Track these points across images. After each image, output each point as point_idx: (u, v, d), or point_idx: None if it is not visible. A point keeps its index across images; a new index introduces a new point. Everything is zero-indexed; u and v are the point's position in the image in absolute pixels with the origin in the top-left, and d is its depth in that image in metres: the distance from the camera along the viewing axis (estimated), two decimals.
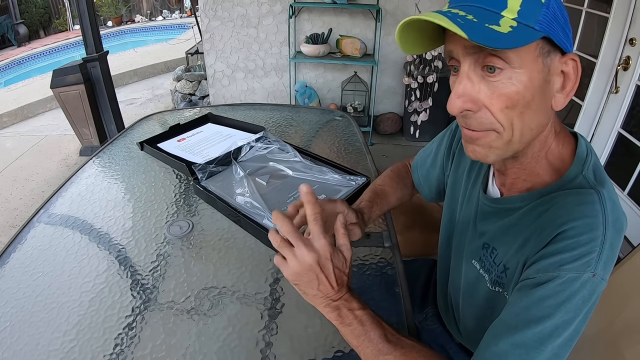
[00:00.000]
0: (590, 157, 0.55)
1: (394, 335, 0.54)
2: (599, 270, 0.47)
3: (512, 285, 0.56)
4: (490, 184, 0.66)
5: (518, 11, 0.46)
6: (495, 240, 0.61)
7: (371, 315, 0.55)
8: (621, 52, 1.91)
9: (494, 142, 0.52)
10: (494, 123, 0.50)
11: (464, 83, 0.50)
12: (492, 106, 0.49)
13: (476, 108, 0.50)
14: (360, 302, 0.56)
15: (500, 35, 0.44)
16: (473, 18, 0.46)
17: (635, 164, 1.88)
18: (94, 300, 0.72)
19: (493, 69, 0.47)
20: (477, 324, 0.67)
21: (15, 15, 6.70)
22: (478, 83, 0.49)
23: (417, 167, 0.88)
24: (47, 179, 2.79)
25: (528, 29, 0.46)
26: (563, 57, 0.50)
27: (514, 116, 0.49)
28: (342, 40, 2.95)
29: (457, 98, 0.50)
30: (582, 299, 0.47)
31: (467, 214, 0.70)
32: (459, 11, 0.47)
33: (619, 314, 1.01)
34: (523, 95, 0.48)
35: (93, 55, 2.72)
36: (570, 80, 0.50)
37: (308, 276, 0.54)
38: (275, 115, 1.49)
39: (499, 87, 0.48)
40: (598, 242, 0.47)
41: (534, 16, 0.46)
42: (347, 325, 0.55)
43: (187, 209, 0.97)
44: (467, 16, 0.46)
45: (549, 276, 0.48)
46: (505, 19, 0.46)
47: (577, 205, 0.50)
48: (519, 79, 0.48)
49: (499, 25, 0.45)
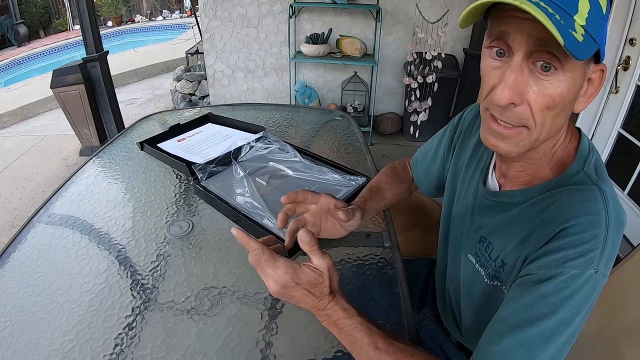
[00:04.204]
0: (592, 153, 0.55)
1: (384, 341, 0.54)
2: (601, 267, 0.47)
3: (510, 280, 0.56)
4: (490, 176, 0.66)
5: (586, 19, 0.44)
6: (492, 235, 0.61)
7: (359, 323, 0.55)
8: (621, 52, 1.91)
9: (522, 141, 0.51)
10: (529, 120, 0.49)
11: (516, 74, 0.47)
12: (536, 104, 0.48)
13: (520, 102, 0.48)
14: (346, 311, 0.55)
15: (579, 44, 0.43)
16: (555, 14, 0.42)
17: (635, 164, 1.88)
18: (94, 300, 0.72)
19: (549, 68, 0.46)
20: (476, 319, 0.67)
21: (15, 15, 6.70)
22: (528, 77, 0.47)
23: (418, 163, 0.88)
24: (47, 179, 2.79)
25: (592, 40, 0.45)
26: (596, 66, 0.49)
27: (549, 116, 0.49)
28: (342, 40, 2.95)
29: (509, 89, 0.47)
30: (584, 295, 0.47)
31: (464, 206, 0.70)
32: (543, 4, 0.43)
33: (619, 313, 1.01)
34: (565, 98, 0.48)
35: (93, 55, 2.72)
36: (594, 87, 0.51)
37: (287, 293, 0.55)
38: (275, 115, 1.49)
39: (547, 86, 0.47)
40: (601, 239, 0.48)
41: (596, 27, 0.45)
42: (337, 332, 0.56)
43: (187, 209, 0.97)
44: (549, 9, 0.42)
45: (552, 273, 0.48)
46: (577, 25, 0.44)
47: (580, 202, 0.50)
48: (566, 83, 0.47)
49: (576, 32, 0.43)
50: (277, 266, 0.54)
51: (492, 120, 0.52)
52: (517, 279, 0.53)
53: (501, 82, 0.48)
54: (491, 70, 0.50)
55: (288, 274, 0.54)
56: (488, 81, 0.51)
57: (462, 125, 0.77)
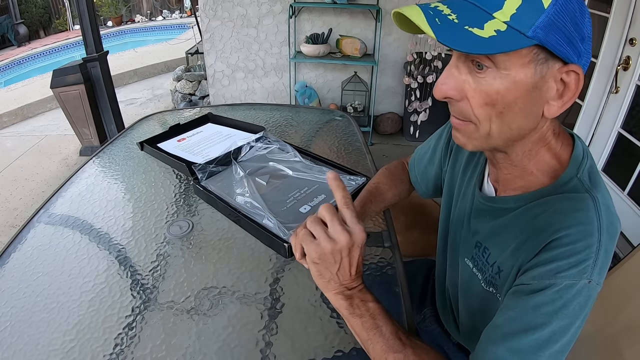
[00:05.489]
0: (586, 160, 0.55)
1: (404, 333, 0.54)
2: (594, 277, 0.47)
3: (505, 288, 0.56)
4: (485, 181, 0.66)
5: (512, 15, 0.45)
6: (488, 240, 0.61)
7: (384, 310, 0.55)
8: (621, 52, 1.91)
9: (472, 134, 0.53)
10: (471, 116, 0.51)
11: (451, 71, 0.50)
12: (473, 100, 0.50)
13: (459, 97, 0.51)
14: (374, 296, 0.56)
15: (478, 39, 0.44)
16: (455, 18, 0.46)
17: (635, 164, 1.88)
18: (94, 300, 0.72)
19: (481, 66, 0.47)
20: (474, 322, 0.67)
21: (15, 15, 6.70)
22: (466, 74, 0.50)
23: (415, 164, 0.88)
24: (47, 179, 2.79)
25: (517, 34, 0.44)
26: (564, 67, 0.47)
27: (493, 114, 0.50)
28: (342, 40, 2.95)
29: (442, 84, 0.51)
30: (578, 305, 0.47)
31: (462, 211, 0.70)
32: (446, 8, 0.47)
33: (619, 313, 1.01)
34: (503, 95, 0.48)
35: (93, 55, 2.72)
36: (570, 91, 0.49)
37: (333, 258, 0.53)
38: (275, 115, 1.49)
39: (482, 83, 0.48)
40: (593, 249, 0.47)
41: (528, 22, 0.44)
42: (358, 316, 0.54)
43: (187, 209, 0.97)
44: (450, 15, 0.46)
45: (545, 283, 0.48)
46: (494, 22, 0.45)
47: (572, 211, 0.49)
48: (502, 81, 0.47)
49: (482, 29, 0.45)
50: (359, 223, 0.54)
51: (452, 115, 0.55)
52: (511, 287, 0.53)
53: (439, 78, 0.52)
54: None
55: (363, 237, 0.53)
56: None
57: None
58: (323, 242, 0.53)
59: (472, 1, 0.47)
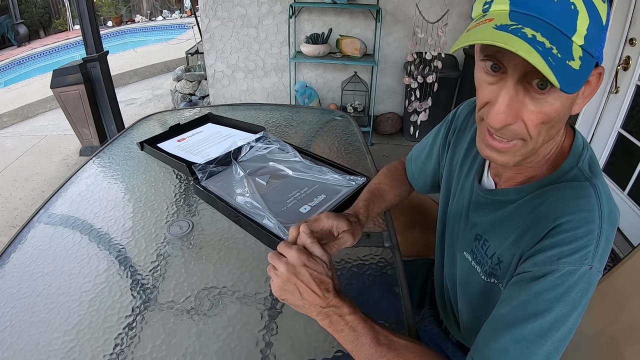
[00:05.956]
0: (586, 151, 0.56)
1: (386, 337, 0.54)
2: (595, 263, 0.48)
3: (507, 277, 0.56)
4: (485, 175, 0.66)
5: (585, 36, 0.43)
6: (488, 232, 0.61)
7: (362, 319, 0.55)
8: (621, 52, 1.91)
9: (519, 150, 0.51)
10: (524, 135, 0.49)
11: (511, 96, 0.46)
12: (530, 121, 0.47)
13: (514, 121, 0.48)
14: (350, 307, 0.56)
15: (575, 73, 0.42)
16: (556, 52, 0.41)
17: (635, 164, 1.88)
18: (94, 300, 0.72)
19: (545, 86, 0.45)
20: (474, 316, 0.67)
21: (15, 15, 6.70)
22: (523, 96, 0.46)
23: (412, 161, 0.88)
24: (47, 179, 2.79)
25: (589, 57, 0.44)
26: (595, 69, 0.48)
27: (545, 129, 0.48)
28: (342, 40, 2.95)
29: (502, 113, 0.47)
30: (580, 291, 0.47)
31: (460, 204, 0.70)
32: (530, 29, 0.41)
33: (619, 313, 1.01)
34: (561, 112, 0.48)
35: (93, 55, 2.72)
36: (591, 88, 0.50)
37: (289, 287, 0.55)
38: (275, 115, 1.49)
39: (542, 104, 0.46)
40: (595, 235, 0.48)
41: (595, 42, 0.44)
42: (339, 331, 0.55)
43: (187, 209, 0.97)
44: (545, 42, 0.41)
45: (546, 269, 0.48)
46: (575, 48, 0.43)
47: (574, 199, 0.50)
48: (562, 98, 0.46)
49: (574, 60, 0.42)
50: (291, 247, 0.57)
51: (488, 134, 0.52)
52: (513, 276, 0.53)
53: (496, 103, 0.48)
54: (485, 85, 0.50)
55: (298, 256, 0.55)
56: (482, 95, 0.50)
57: (457, 122, 0.76)
58: (273, 278, 0.57)
59: (551, 21, 0.43)
